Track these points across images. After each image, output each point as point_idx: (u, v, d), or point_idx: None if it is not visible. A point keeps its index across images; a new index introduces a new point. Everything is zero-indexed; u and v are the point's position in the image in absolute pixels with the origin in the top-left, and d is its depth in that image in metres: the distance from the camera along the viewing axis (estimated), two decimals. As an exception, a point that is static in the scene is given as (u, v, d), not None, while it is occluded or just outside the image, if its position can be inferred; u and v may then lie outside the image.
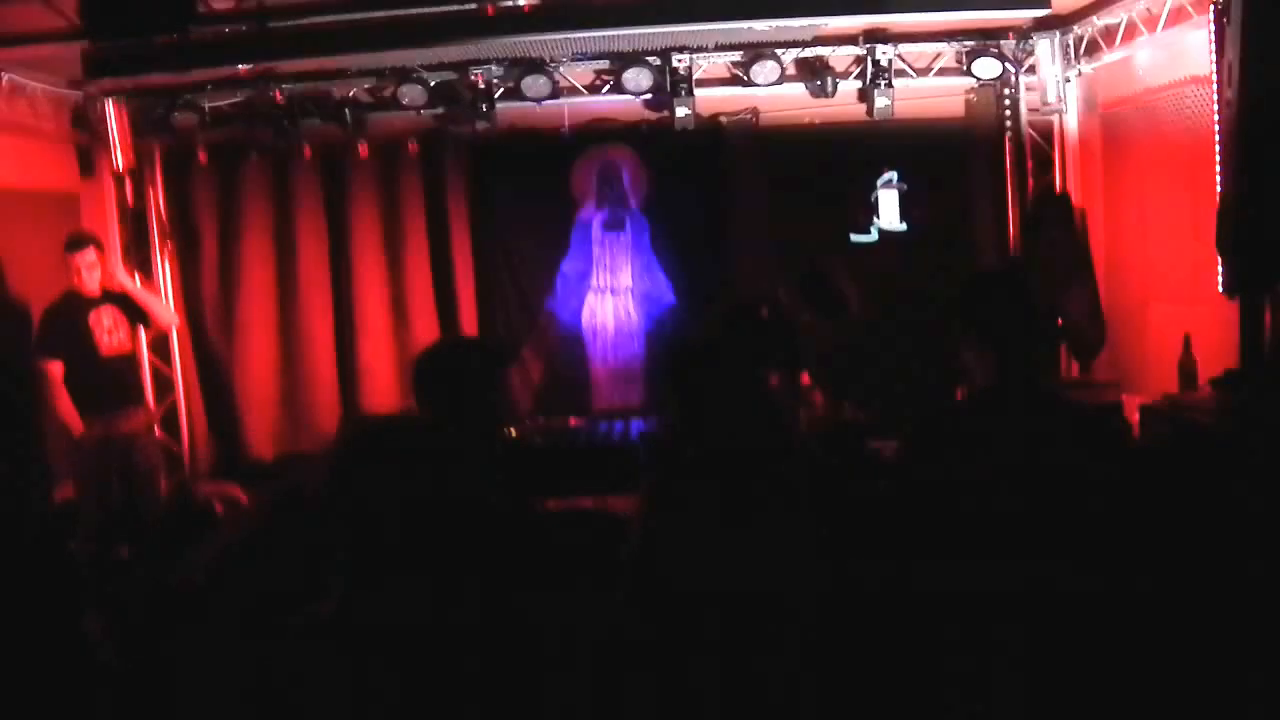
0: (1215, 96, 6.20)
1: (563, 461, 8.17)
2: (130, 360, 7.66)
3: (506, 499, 3.72)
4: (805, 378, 6.85)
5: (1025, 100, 8.87)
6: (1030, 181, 9.06)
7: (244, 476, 8.40)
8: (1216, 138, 6.19)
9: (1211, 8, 6.18)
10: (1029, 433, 3.21)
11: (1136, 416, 6.17)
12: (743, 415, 3.43)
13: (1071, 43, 8.30)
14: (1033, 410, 3.26)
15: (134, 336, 7.69)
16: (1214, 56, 6.20)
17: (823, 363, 7.01)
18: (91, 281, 7.28)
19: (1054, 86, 8.40)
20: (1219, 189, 6.13)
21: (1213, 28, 6.19)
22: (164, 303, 8.23)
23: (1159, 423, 5.85)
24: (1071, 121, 8.80)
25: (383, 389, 9.41)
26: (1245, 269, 5.81)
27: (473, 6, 6.93)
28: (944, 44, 8.55)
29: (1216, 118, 6.19)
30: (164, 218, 9.21)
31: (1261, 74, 5.62)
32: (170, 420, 9.31)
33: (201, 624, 4.13)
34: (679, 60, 8.46)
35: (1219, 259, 6.04)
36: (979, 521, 3.12)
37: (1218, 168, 6.18)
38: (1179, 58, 7.06)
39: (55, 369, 7.14)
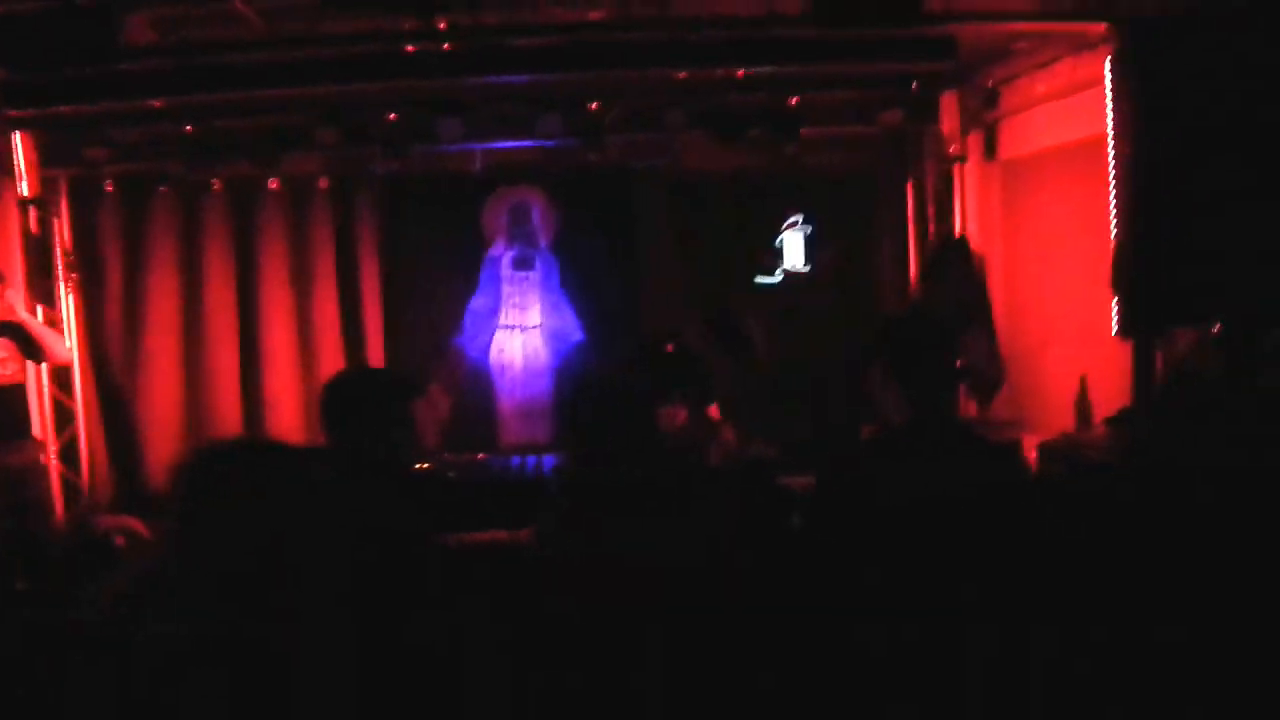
0: (1111, 148, 6.46)
1: (472, 496, 8.17)
2: (20, 390, 7.48)
3: (401, 527, 3.72)
4: (714, 411, 6.97)
5: (928, 148, 9.14)
6: (931, 227, 9.30)
7: (145, 509, 8.27)
8: (1111, 187, 6.44)
9: (1108, 63, 6.44)
10: (943, 466, 3.33)
11: (1035, 455, 6.36)
12: (641, 445, 3.52)
13: (973, 96, 8.58)
14: (946, 445, 3.39)
15: (24, 369, 7.52)
16: (1112, 110, 6.46)
17: (731, 399, 7.14)
18: None
19: (956, 136, 8.67)
20: (1114, 236, 6.37)
21: (1110, 82, 6.45)
22: (61, 338, 8.09)
23: (1056, 460, 6.05)
24: (973, 170, 9.06)
25: (288, 421, 9.38)
26: (1138, 312, 6.06)
27: (389, 47, 7.00)
28: (850, 91, 8.74)
29: (1112, 168, 6.44)
30: (69, 247, 9.08)
31: (1156, 127, 5.90)
32: (70, 452, 9.15)
33: (99, 657, 4.08)
34: (591, 105, 8.56)
35: (1114, 302, 6.27)
36: (892, 553, 3.22)
37: (1113, 216, 6.43)
38: (1078, 112, 7.31)
39: None
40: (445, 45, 6.90)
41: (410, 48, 6.95)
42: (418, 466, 8.56)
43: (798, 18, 6.28)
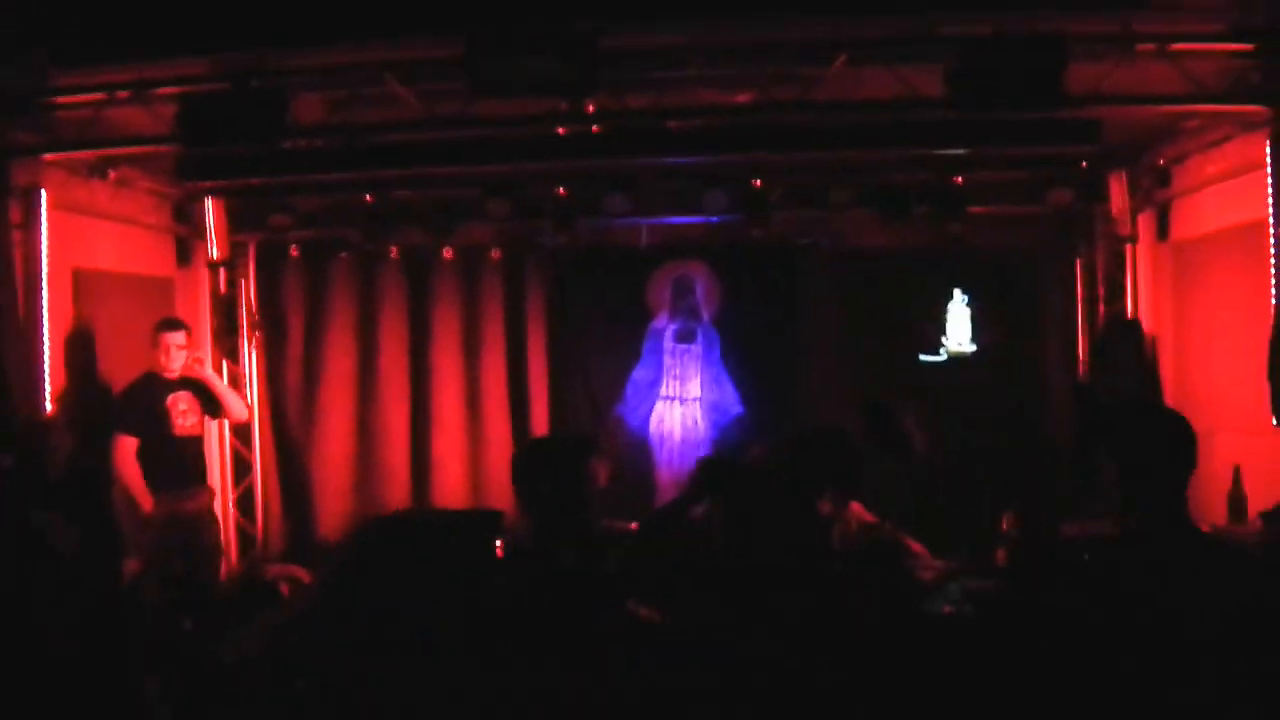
0: (1273, 231, 6.28)
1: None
2: (199, 442, 7.88)
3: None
4: (858, 507, 6.89)
5: (1098, 227, 9.00)
6: (1101, 307, 9.12)
7: (314, 560, 8.57)
8: (1273, 271, 6.26)
9: (1268, 146, 6.29)
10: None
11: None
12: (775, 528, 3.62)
13: (1144, 175, 8.44)
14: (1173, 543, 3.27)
15: (203, 422, 7.91)
16: (1272, 193, 6.30)
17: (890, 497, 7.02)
18: (176, 362, 7.55)
19: (1126, 216, 8.53)
20: (1273, 322, 6.18)
21: (1271, 163, 6.29)
22: (241, 399, 8.47)
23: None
24: (1144, 250, 8.87)
25: (453, 482, 9.65)
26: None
27: (541, 129, 7.22)
28: (1016, 170, 8.67)
29: (1273, 252, 6.26)
30: (253, 307, 9.57)
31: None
32: (246, 501, 9.58)
33: (250, 693, 4.28)
34: (755, 181, 8.66)
35: (1270, 389, 6.07)
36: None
37: (1274, 301, 6.24)
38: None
39: (128, 445, 7.38)
40: (594, 127, 7.09)
41: (561, 130, 7.16)
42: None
43: (937, 100, 6.29)
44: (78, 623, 4.61)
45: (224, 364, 9.24)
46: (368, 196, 8.80)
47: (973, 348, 9.34)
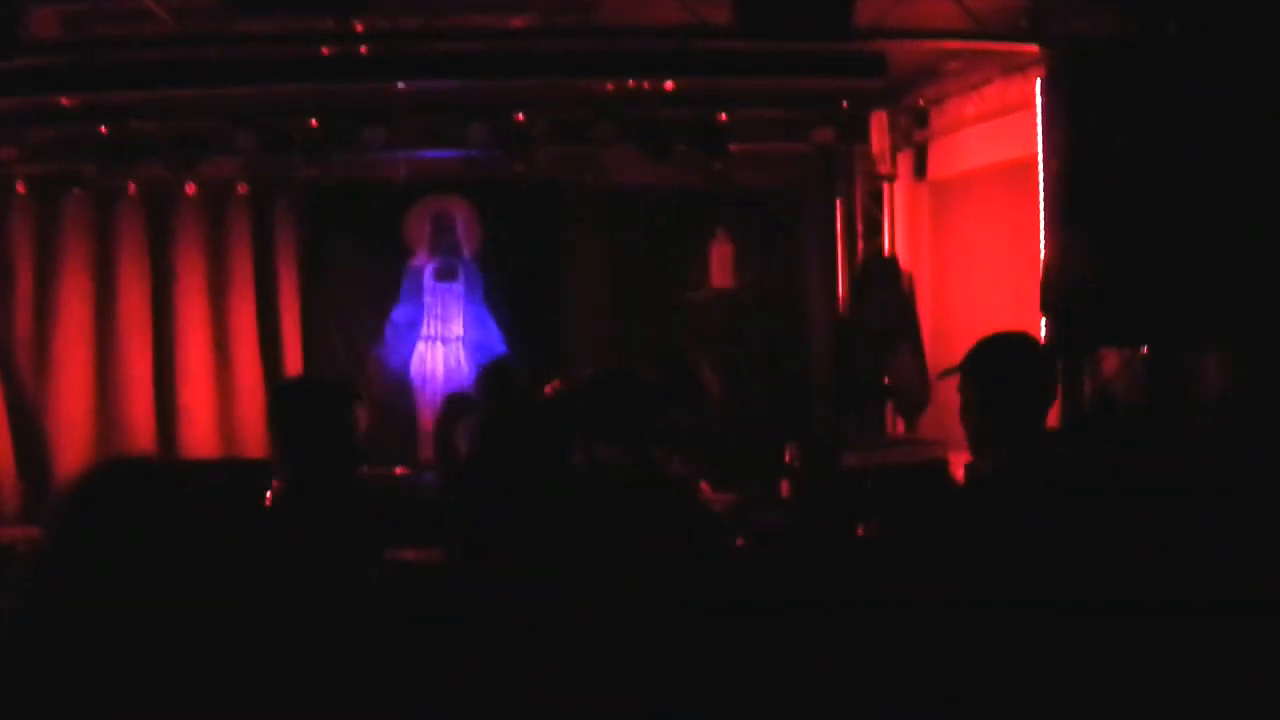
0: (1041, 170, 6.46)
1: (391, 511, 8.01)
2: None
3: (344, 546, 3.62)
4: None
5: (857, 166, 9.14)
6: (860, 245, 9.29)
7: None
8: (1042, 208, 6.44)
9: (1040, 84, 6.44)
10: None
11: (961, 473, 6.32)
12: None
13: (903, 115, 8.59)
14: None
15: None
16: (1042, 132, 6.47)
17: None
18: None
19: (886, 155, 8.68)
20: (1043, 257, 6.37)
21: (1041, 104, 6.45)
22: None
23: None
24: (902, 189, 9.05)
25: (202, 432, 9.19)
26: (1067, 333, 6.05)
27: (305, 49, 6.84)
28: (779, 108, 8.71)
29: (1042, 190, 6.44)
30: (-24, 250, 8.81)
31: (1086, 149, 5.90)
32: (-25, 460, 8.89)
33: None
34: (518, 114, 8.44)
35: (1042, 323, 6.27)
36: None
37: (1042, 237, 6.43)
38: (1008, 134, 7.31)
39: None
40: (363, 48, 6.75)
41: (326, 50, 6.79)
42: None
43: (725, 29, 6.19)
44: None
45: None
46: (103, 128, 8.16)
47: (734, 285, 9.41)
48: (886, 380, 8.62)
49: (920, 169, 8.76)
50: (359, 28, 6.53)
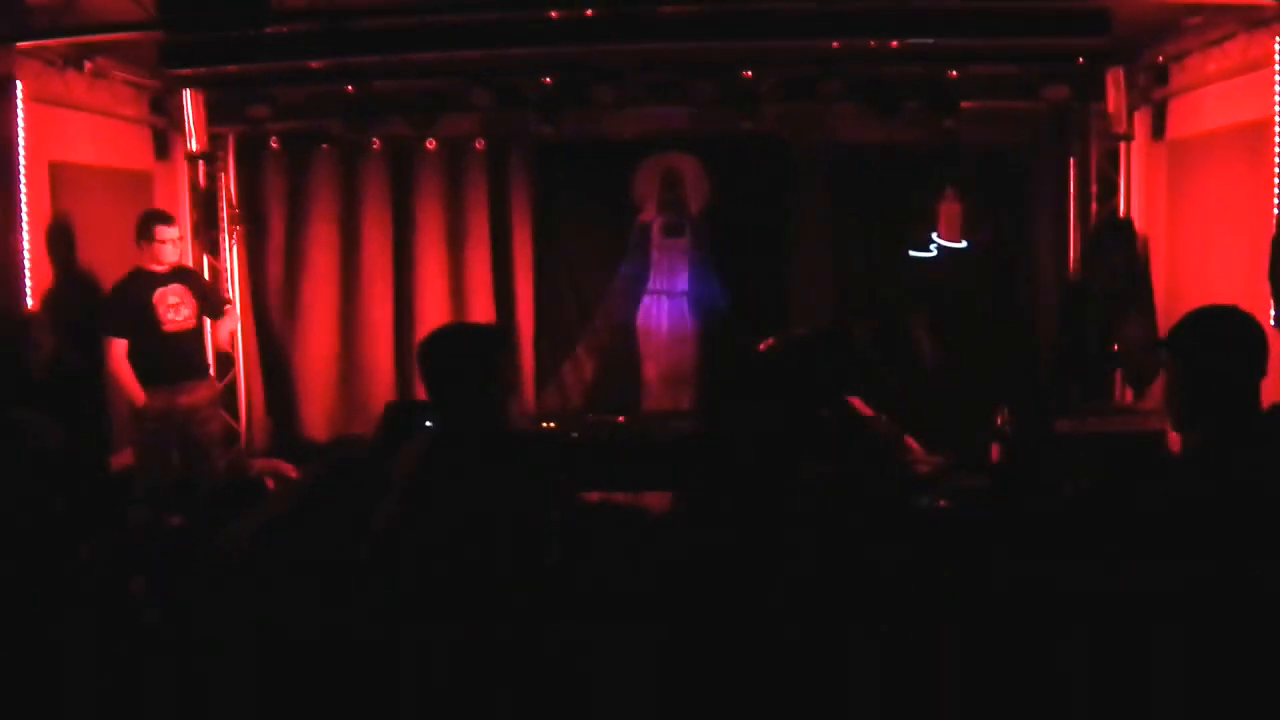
0: (1278, 131, 6.18)
1: (605, 457, 8.23)
2: (194, 335, 7.73)
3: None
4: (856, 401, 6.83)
5: (1093, 125, 8.87)
6: (1094, 206, 9.02)
7: (297, 456, 8.52)
8: (1275, 174, 6.17)
9: (1278, 41, 6.15)
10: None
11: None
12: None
13: (1141, 73, 8.29)
14: None
15: (198, 314, 7.77)
16: (1278, 94, 6.18)
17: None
18: (169, 255, 7.41)
19: (1122, 114, 8.40)
20: (1276, 223, 6.11)
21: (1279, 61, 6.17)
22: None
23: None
24: (1139, 149, 8.74)
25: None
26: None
27: (534, 13, 7.04)
28: (1011, 65, 8.50)
29: (1277, 152, 6.16)
30: (233, 201, 9.37)
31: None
32: (229, 398, 9.47)
33: (241, 590, 4.21)
34: (745, 72, 8.49)
35: (1272, 290, 6.02)
36: None
37: (1276, 202, 6.16)
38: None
39: (119, 346, 7.23)
40: (588, 11, 6.90)
41: (554, 14, 6.96)
42: (544, 426, 8.74)
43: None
44: (58, 523, 4.53)
45: (204, 259, 9.09)
46: (349, 87, 8.59)
47: (963, 244, 9.25)
48: (1115, 347, 8.38)
49: (1159, 129, 8.42)
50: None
